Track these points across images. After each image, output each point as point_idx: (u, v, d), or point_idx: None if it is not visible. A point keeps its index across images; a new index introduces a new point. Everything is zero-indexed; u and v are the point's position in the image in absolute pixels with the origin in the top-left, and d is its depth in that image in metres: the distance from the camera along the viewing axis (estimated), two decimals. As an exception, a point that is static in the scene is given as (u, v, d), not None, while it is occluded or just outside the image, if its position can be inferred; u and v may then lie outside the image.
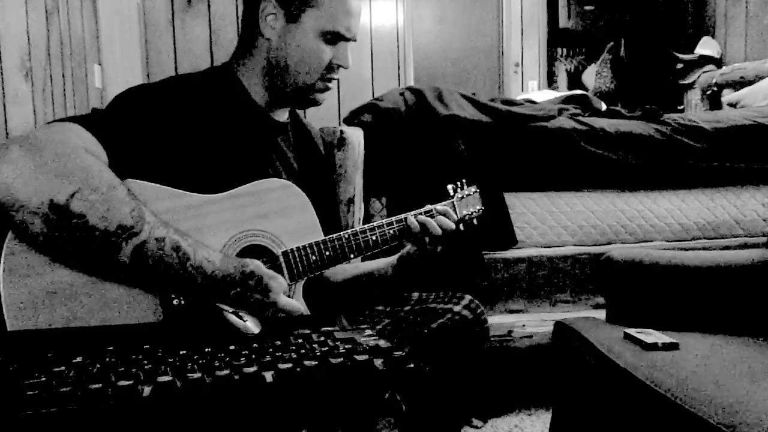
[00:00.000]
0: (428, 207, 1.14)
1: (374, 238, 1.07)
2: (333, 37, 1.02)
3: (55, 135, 0.80)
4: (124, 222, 0.77)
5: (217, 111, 0.99)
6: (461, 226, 1.21)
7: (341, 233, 1.03)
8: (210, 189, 0.93)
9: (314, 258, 0.99)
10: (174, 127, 0.92)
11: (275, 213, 0.97)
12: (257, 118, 1.06)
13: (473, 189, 1.26)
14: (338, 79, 1.11)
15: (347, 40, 1.04)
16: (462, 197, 1.23)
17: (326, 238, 1.01)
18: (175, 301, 0.86)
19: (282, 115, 1.12)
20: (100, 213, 0.76)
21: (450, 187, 1.22)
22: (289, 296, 0.94)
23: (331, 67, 1.04)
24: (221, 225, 0.92)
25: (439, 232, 1.08)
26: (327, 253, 1.01)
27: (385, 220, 1.10)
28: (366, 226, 1.07)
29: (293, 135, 1.16)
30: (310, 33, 1.00)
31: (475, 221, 1.26)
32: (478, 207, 1.26)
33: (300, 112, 1.21)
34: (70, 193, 0.75)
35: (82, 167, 0.78)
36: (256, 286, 0.86)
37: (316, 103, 1.08)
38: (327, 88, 1.07)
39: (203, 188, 0.92)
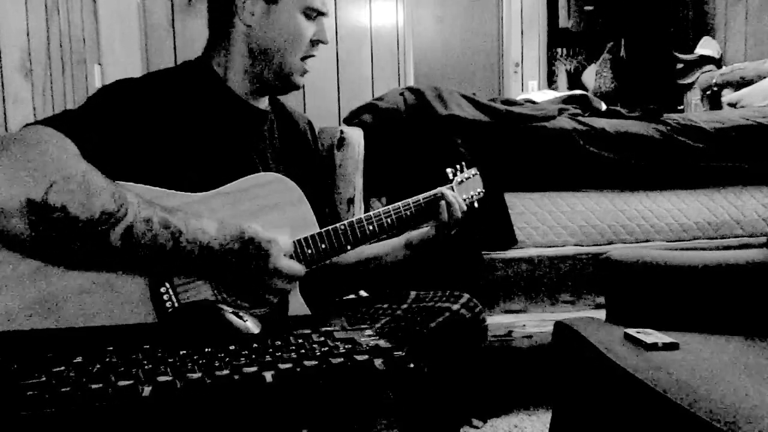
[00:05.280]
0: (429, 192, 1.15)
1: (371, 227, 1.06)
2: (313, 13, 1.03)
3: (22, 136, 0.78)
4: (107, 208, 0.75)
5: (195, 105, 0.98)
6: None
7: (338, 224, 1.02)
8: (197, 185, 0.91)
9: (310, 251, 0.98)
10: (151, 124, 0.91)
11: (269, 208, 0.96)
12: (238, 108, 1.05)
13: (473, 171, 1.25)
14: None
15: (323, 14, 1.05)
16: (461, 181, 1.22)
17: (323, 230, 1.00)
18: (168, 304, 0.86)
19: (263, 103, 1.11)
20: (80, 202, 0.73)
21: (449, 170, 1.21)
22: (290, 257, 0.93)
23: (312, 44, 1.05)
24: None
25: (459, 213, 1.12)
26: (323, 246, 1.00)
27: (392, 206, 1.10)
28: (363, 215, 1.06)
29: (277, 122, 1.15)
30: (292, 11, 1.01)
31: (475, 204, 1.24)
32: (478, 189, 1.25)
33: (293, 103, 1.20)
34: (45, 187, 0.72)
35: (53, 159, 0.75)
36: (256, 252, 0.85)
37: (297, 87, 1.08)
38: (306, 71, 1.07)
39: (190, 185, 0.91)
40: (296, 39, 1.02)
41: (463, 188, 1.21)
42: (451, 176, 1.20)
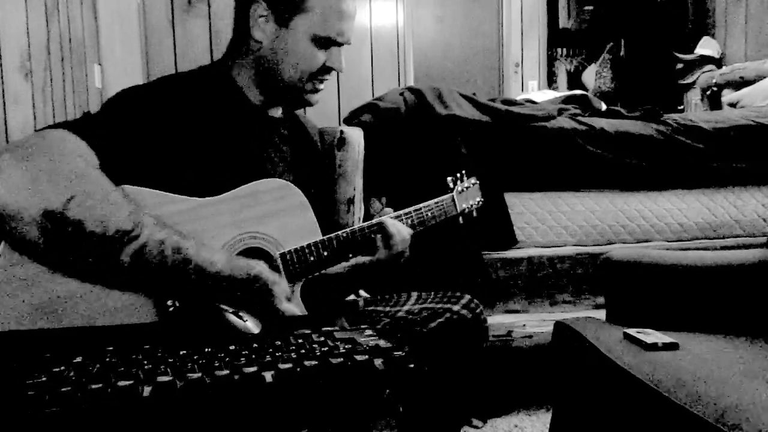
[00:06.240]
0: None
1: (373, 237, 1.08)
2: (325, 42, 1.01)
3: (45, 142, 0.79)
4: (122, 226, 0.76)
5: (212, 111, 0.99)
6: (461, 219, 1.22)
7: (338, 232, 1.03)
8: (208, 189, 0.92)
9: (312, 259, 0.99)
10: (168, 129, 0.91)
11: (273, 214, 0.97)
12: (253, 116, 1.06)
13: (473, 181, 1.28)
14: (337, 80, 1.12)
15: (339, 44, 1.03)
16: (461, 190, 1.24)
17: (324, 238, 1.01)
18: (171, 309, 0.86)
19: (276, 111, 1.12)
20: (97, 218, 0.74)
21: (449, 179, 1.23)
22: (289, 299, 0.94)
23: (323, 70, 1.04)
24: (219, 228, 0.92)
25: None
26: (325, 253, 1.01)
27: (394, 214, 1.12)
28: (365, 224, 1.08)
29: (288, 130, 1.16)
30: (302, 37, 0.99)
31: (474, 213, 1.27)
32: (478, 199, 1.28)
33: (299, 110, 1.21)
34: (65, 199, 0.73)
35: (76, 173, 0.76)
36: (260, 290, 0.86)
37: (309, 104, 1.08)
38: (318, 90, 1.06)
39: (201, 189, 0.92)
40: (304, 65, 1.01)
41: (463, 197, 1.23)
42: (451, 185, 1.22)
